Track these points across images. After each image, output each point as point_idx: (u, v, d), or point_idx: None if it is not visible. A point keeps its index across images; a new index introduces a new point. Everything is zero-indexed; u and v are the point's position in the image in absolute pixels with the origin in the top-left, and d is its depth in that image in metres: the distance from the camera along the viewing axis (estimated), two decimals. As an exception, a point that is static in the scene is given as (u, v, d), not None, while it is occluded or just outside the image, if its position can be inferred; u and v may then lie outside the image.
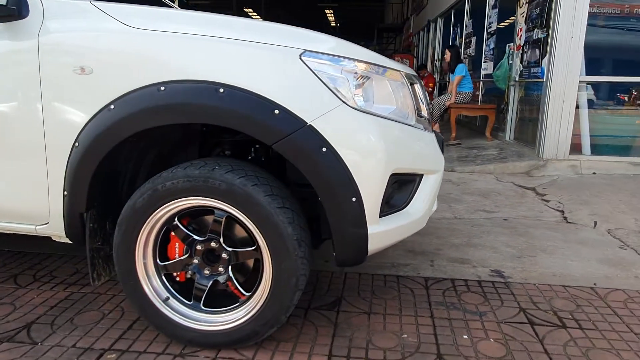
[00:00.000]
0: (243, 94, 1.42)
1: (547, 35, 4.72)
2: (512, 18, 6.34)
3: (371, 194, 1.50)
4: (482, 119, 6.87)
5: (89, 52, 1.49)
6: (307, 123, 1.42)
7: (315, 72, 1.45)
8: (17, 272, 2.20)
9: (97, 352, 1.58)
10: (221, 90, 1.42)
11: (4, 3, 1.51)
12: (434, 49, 11.50)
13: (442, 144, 2.00)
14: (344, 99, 1.46)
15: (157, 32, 1.48)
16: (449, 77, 6.90)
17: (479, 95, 7.32)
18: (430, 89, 9.51)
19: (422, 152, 1.73)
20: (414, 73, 1.87)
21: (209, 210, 1.56)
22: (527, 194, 3.97)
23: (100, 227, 1.65)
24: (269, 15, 22.95)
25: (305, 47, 1.47)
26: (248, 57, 1.45)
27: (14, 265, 2.28)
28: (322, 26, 27.15)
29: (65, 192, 1.57)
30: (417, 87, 1.80)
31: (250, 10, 23.82)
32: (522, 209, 3.52)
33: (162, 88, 1.44)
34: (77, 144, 1.51)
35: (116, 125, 1.46)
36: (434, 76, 10.73)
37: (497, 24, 6.64)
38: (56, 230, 1.65)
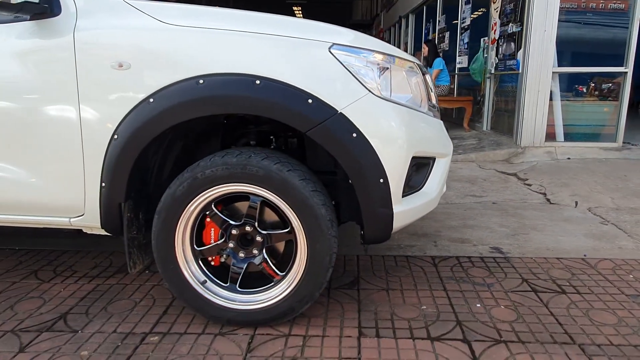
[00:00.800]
0: (278, 85, 1.52)
1: (522, 29, 4.97)
2: (481, 10, 6.62)
3: (396, 175, 1.63)
4: (458, 110, 7.12)
5: (126, 48, 1.55)
6: (338, 111, 1.54)
7: (344, 63, 1.57)
8: (36, 269, 2.22)
9: (140, 336, 1.65)
10: (257, 82, 1.51)
11: (36, 1, 1.56)
12: (406, 44, 11.75)
13: (447, 131, 2.15)
14: (369, 88, 1.59)
15: (191, 28, 1.56)
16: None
17: (454, 88, 7.58)
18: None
19: (434, 137, 1.87)
20: (423, 64, 2.00)
21: (241, 196, 1.65)
22: (510, 179, 4.20)
23: (135, 216, 1.72)
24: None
25: (332, 40, 1.58)
26: (281, 51, 1.56)
27: (31, 262, 2.30)
28: (291, 23, 27.11)
29: (103, 184, 1.63)
30: (427, 77, 1.94)
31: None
32: (507, 193, 3.74)
33: (201, 81, 1.52)
34: (116, 136, 1.58)
35: (157, 118, 1.54)
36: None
37: (470, 19, 6.89)
38: (91, 221, 1.71)
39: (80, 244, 2.46)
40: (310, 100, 1.53)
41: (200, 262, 1.70)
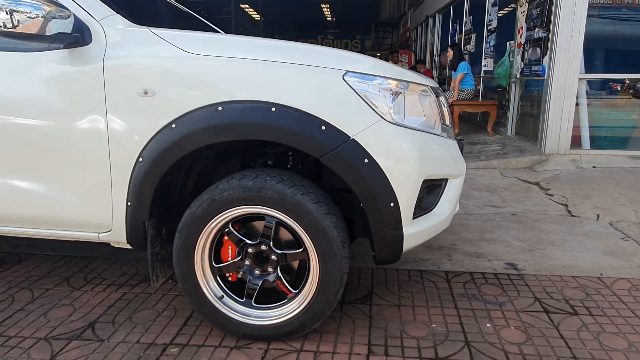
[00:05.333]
0: (293, 112, 1.59)
1: (548, 35, 4.89)
2: (507, 8, 6.52)
3: (406, 199, 1.67)
4: (483, 114, 7.05)
5: (151, 76, 1.65)
6: (350, 137, 1.59)
7: (357, 90, 1.62)
8: (68, 275, 2.36)
9: (161, 347, 1.76)
10: (273, 109, 1.59)
11: (69, 31, 1.67)
12: (432, 44, 11.65)
13: (462, 149, 2.17)
14: (382, 114, 1.64)
15: (212, 57, 1.64)
16: (451, 74, 7.08)
17: (479, 90, 7.50)
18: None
19: (447, 158, 1.90)
20: (438, 86, 2.03)
21: (258, 216, 1.73)
22: (532, 188, 4.16)
23: (159, 232, 1.82)
24: (265, 11, 22.94)
25: (347, 68, 1.63)
26: (296, 78, 1.62)
27: (64, 268, 2.44)
28: (318, 21, 27.15)
29: (129, 203, 1.73)
30: (442, 99, 1.97)
31: (247, 6, 23.81)
32: (528, 203, 3.71)
33: (220, 108, 1.60)
34: (141, 159, 1.67)
35: (178, 143, 1.63)
36: (433, 71, 10.90)
37: (497, 22, 6.80)
38: (118, 237, 1.82)
39: (109, 252, 2.60)
40: (323, 127, 1.59)
41: (218, 278, 1.79)
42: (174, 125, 1.64)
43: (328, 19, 28.11)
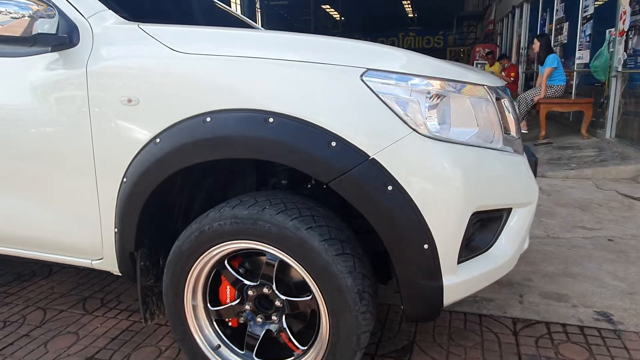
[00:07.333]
0: (295, 123, 1.24)
1: (660, 19, 4.06)
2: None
3: (447, 239, 1.25)
4: (576, 114, 6.18)
5: (135, 81, 1.39)
6: (369, 157, 1.21)
7: (379, 94, 1.23)
8: (87, 295, 2.20)
9: (149, 399, 1.49)
10: (271, 119, 1.25)
11: (54, 32, 1.45)
12: (519, 36, 10.68)
13: (536, 167, 1.68)
14: (414, 126, 1.23)
15: (203, 55, 1.34)
16: (538, 69, 6.29)
17: (572, 87, 6.59)
18: (511, 79, 8.69)
19: (510, 181, 1.44)
20: (501, 84, 1.57)
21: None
22: (636, 205, 3.43)
23: (153, 264, 1.56)
24: (345, 11, 22.77)
25: (367, 65, 1.25)
26: (301, 80, 1.27)
27: (86, 287, 2.29)
28: (400, 18, 26.44)
29: (116, 230, 1.49)
30: (506, 101, 1.50)
31: (328, 6, 23.78)
32: (630, 225, 3.03)
33: (208, 119, 1.30)
34: (125, 179, 1.42)
35: (162, 161, 1.35)
36: (519, 66, 9.94)
37: (594, 8, 5.91)
38: (110, 266, 1.59)
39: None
40: (333, 143, 1.22)
41: (215, 323, 1.49)
42: (158, 140, 1.36)
43: (410, 15, 27.29)
